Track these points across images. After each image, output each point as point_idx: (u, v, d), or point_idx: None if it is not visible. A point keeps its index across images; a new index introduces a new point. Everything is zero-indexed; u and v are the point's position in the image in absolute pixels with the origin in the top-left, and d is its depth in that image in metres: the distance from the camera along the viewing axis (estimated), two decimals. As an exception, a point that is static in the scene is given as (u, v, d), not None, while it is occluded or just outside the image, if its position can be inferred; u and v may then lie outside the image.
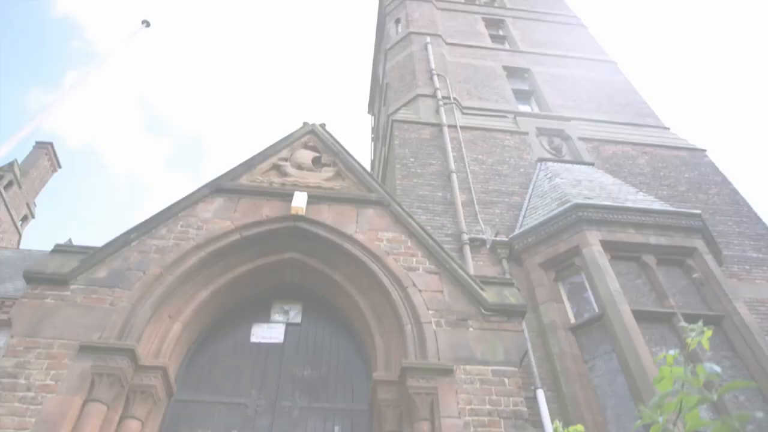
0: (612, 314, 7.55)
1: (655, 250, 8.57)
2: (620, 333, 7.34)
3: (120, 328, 5.02)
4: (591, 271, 8.16)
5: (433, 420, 4.70)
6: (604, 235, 8.58)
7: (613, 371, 7.41)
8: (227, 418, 5.28)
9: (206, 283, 5.75)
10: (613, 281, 7.91)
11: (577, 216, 8.67)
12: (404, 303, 5.46)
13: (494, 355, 5.19)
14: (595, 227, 8.65)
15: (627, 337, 7.24)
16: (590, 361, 7.71)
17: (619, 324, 7.41)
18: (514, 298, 5.69)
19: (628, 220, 8.79)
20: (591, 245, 8.42)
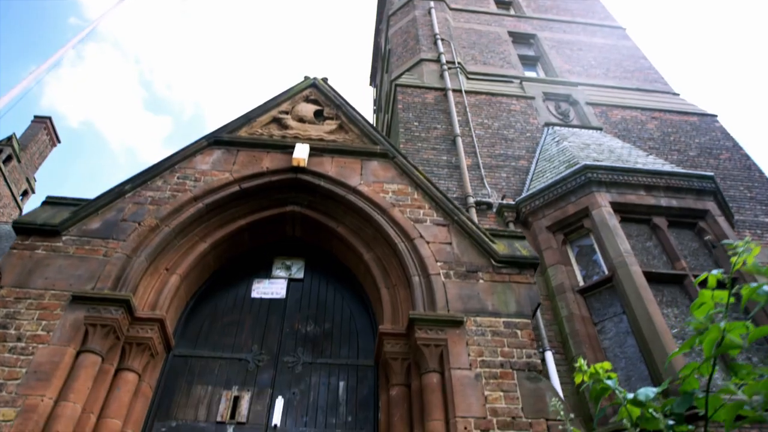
0: (622, 275, 7.34)
1: (667, 212, 8.33)
2: (631, 294, 7.13)
3: (114, 279, 4.78)
4: (601, 232, 7.92)
5: (443, 372, 4.48)
6: (614, 197, 8.33)
7: (623, 333, 7.21)
8: (228, 373, 5.07)
9: (204, 236, 5.50)
10: (623, 242, 7.68)
11: (586, 177, 8.41)
12: (411, 255, 5.21)
13: (506, 306, 4.96)
14: (605, 189, 8.40)
15: (638, 298, 7.03)
16: (600, 324, 7.51)
17: (629, 285, 7.19)
18: (526, 251, 5.44)
19: (638, 182, 8.53)
20: (601, 207, 8.17)
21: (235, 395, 4.89)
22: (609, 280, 7.57)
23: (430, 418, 4.20)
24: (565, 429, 4.26)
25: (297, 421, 4.80)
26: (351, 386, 5.07)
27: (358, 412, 4.91)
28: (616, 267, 7.46)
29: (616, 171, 8.54)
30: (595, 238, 8.13)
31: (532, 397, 4.39)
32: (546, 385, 4.52)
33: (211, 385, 4.97)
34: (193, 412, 4.78)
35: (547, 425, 4.23)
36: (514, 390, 4.40)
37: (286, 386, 5.01)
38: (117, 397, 4.37)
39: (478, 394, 4.32)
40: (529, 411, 4.29)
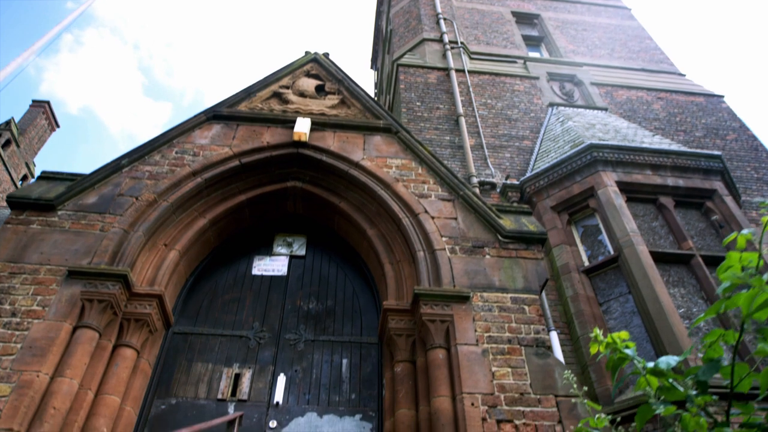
0: (629, 255, 7.22)
1: (673, 191, 8.19)
2: (637, 273, 7.01)
3: (111, 254, 4.64)
4: (606, 211, 7.79)
5: (449, 348, 4.36)
6: (619, 176, 8.19)
7: (628, 313, 7.10)
8: (228, 350, 4.95)
9: (204, 212, 5.36)
10: (629, 221, 7.56)
11: (592, 157, 8.26)
12: (416, 230, 5.07)
13: (513, 282, 4.83)
14: (611, 168, 8.26)
15: (644, 278, 6.91)
16: (605, 304, 7.40)
17: (636, 264, 7.08)
18: (533, 226, 5.30)
19: (645, 161, 8.38)
20: (606, 186, 8.03)
21: (236, 373, 4.78)
22: (615, 260, 7.45)
23: (436, 394, 4.08)
24: (575, 405, 4.14)
25: (299, 399, 4.69)
26: (354, 364, 4.96)
27: (361, 389, 4.80)
28: (622, 247, 7.34)
29: (622, 150, 8.39)
30: (600, 217, 8.01)
31: (541, 373, 4.27)
32: (555, 361, 4.40)
33: (211, 362, 4.86)
34: (193, 390, 4.67)
35: (556, 401, 4.12)
36: (522, 366, 4.28)
37: (288, 364, 4.90)
38: (115, 374, 4.25)
39: (485, 370, 4.20)
40: (537, 387, 4.18)
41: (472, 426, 3.87)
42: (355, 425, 4.57)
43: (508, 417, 3.98)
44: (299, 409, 4.61)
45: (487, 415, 3.96)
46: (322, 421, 4.56)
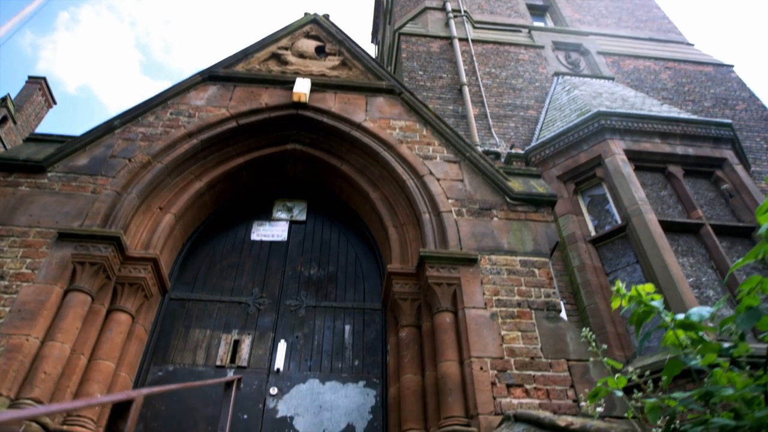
0: (637, 223, 7.03)
1: (682, 160, 7.97)
2: (646, 242, 6.82)
3: (104, 217, 4.43)
4: (614, 180, 7.57)
5: (456, 311, 4.17)
6: (628, 145, 7.97)
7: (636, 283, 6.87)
8: (227, 316, 4.77)
9: (200, 175, 5.13)
10: (638, 190, 7.35)
11: (599, 124, 8.02)
12: (420, 192, 4.85)
13: (522, 245, 4.62)
14: (619, 136, 8.02)
15: (653, 247, 6.72)
16: (612, 274, 7.22)
17: (644, 233, 6.88)
18: (542, 188, 5.08)
19: (653, 129, 8.13)
20: (614, 154, 7.80)
21: (235, 339, 4.60)
22: (622, 229, 7.26)
23: (443, 358, 3.91)
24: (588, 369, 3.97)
25: (301, 366, 4.52)
26: (357, 330, 4.78)
27: (365, 356, 4.63)
28: (630, 215, 7.15)
29: (631, 118, 8.15)
30: (607, 186, 7.80)
31: (552, 337, 4.09)
32: (566, 325, 4.22)
33: (209, 328, 4.68)
34: (191, 356, 4.50)
35: (568, 365, 3.94)
36: (532, 330, 4.10)
37: (289, 330, 4.72)
38: (109, 339, 4.07)
39: (494, 334, 4.01)
40: (548, 351, 4.00)
41: (481, 390, 3.70)
42: (358, 392, 4.40)
43: (519, 381, 3.80)
44: (301, 375, 4.45)
45: (496, 379, 3.79)
46: (324, 387, 4.39)
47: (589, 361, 3.99)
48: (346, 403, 4.32)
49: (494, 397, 3.70)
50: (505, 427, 3.05)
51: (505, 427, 3.05)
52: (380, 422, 4.25)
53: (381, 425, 4.23)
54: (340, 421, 4.23)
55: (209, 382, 3.87)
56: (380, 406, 4.33)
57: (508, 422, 3.11)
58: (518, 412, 3.00)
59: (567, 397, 3.78)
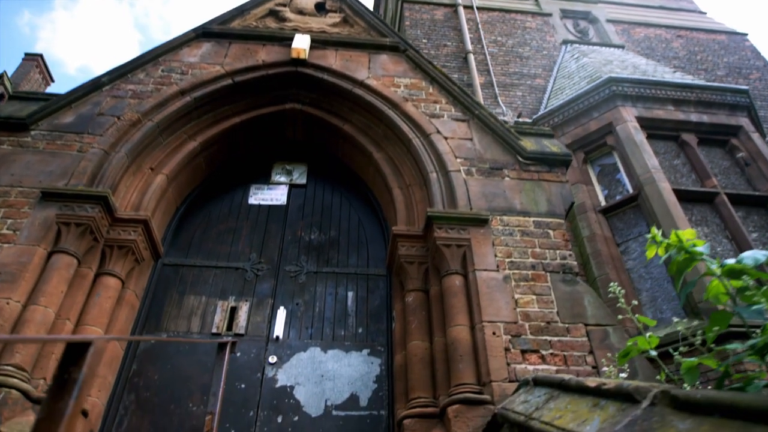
0: (650, 192, 6.74)
1: (696, 128, 7.65)
2: (659, 211, 6.53)
3: (90, 176, 4.13)
4: (626, 148, 7.26)
5: (467, 274, 3.88)
6: (640, 112, 7.64)
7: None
8: (224, 282, 4.49)
9: (194, 135, 4.82)
10: (651, 158, 7.04)
11: (610, 91, 7.68)
12: (427, 150, 4.54)
13: (536, 205, 4.32)
14: (631, 103, 7.69)
15: (667, 215, 6.43)
16: (623, 244, 6.94)
17: (658, 202, 6.59)
18: (556, 147, 4.77)
19: (666, 96, 7.79)
20: (626, 121, 7.48)
21: (231, 306, 4.33)
22: (634, 198, 6.97)
23: (452, 323, 3.63)
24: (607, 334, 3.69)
25: (301, 333, 4.25)
26: (361, 296, 4.50)
27: (369, 323, 4.35)
28: (642, 184, 6.85)
29: (643, 84, 7.80)
30: (618, 155, 7.49)
31: (569, 300, 3.81)
32: (584, 288, 3.93)
33: (205, 295, 4.40)
34: (185, 323, 4.23)
35: (586, 330, 3.67)
36: (547, 293, 3.81)
37: (289, 297, 4.45)
38: (97, 304, 3.79)
39: (507, 298, 3.73)
40: (565, 315, 3.72)
41: (494, 356, 3.42)
42: (362, 360, 4.14)
43: (534, 347, 3.53)
44: (301, 344, 4.18)
45: (510, 344, 3.51)
46: (326, 356, 4.13)
47: (609, 326, 3.72)
48: (350, 372, 4.06)
49: (508, 363, 3.43)
50: (523, 392, 2.77)
51: (523, 392, 2.77)
52: (385, 391, 4.00)
53: (386, 394, 3.98)
54: (343, 390, 3.97)
55: (200, 341, 3.61)
56: (385, 375, 4.07)
57: (526, 387, 2.84)
58: (538, 376, 2.72)
59: (586, 364, 3.51)
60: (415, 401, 3.52)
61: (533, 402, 2.55)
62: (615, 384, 2.01)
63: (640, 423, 1.56)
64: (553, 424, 2.08)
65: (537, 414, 2.36)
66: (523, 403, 2.63)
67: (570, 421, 2.00)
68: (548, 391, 2.56)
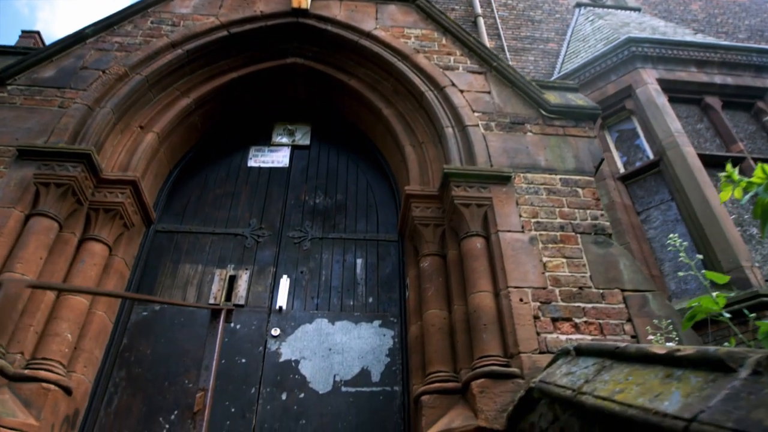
0: (673, 157, 6.29)
1: (721, 90, 7.19)
2: (683, 177, 6.10)
3: (72, 133, 3.70)
4: (647, 112, 6.80)
5: (488, 236, 3.46)
6: (661, 74, 7.16)
7: (671, 221, 6.23)
8: (222, 250, 4.08)
9: (188, 91, 4.37)
10: (673, 121, 6.59)
11: (630, 52, 7.19)
12: (442, 104, 4.09)
13: (562, 162, 3.88)
14: (651, 65, 7.20)
15: (692, 181, 6.00)
16: (644, 212, 6.53)
17: (681, 167, 6.15)
18: (582, 101, 4.31)
19: (689, 57, 7.29)
20: (647, 84, 6.99)
21: (230, 275, 3.92)
22: (655, 164, 6.54)
23: (474, 289, 3.22)
24: (647, 300, 3.27)
25: (306, 304, 3.85)
26: (371, 263, 4.09)
27: (380, 292, 3.95)
28: (665, 149, 6.40)
29: (665, 44, 7.29)
30: (638, 120, 7.03)
31: (602, 264, 3.39)
32: (618, 250, 3.51)
33: (201, 263, 4.00)
34: (180, 294, 3.83)
35: (623, 296, 3.25)
36: (579, 256, 3.39)
37: (292, 264, 4.03)
38: (81, 271, 3.39)
39: (534, 261, 3.31)
40: (599, 280, 3.30)
41: (522, 325, 3.02)
42: (373, 332, 3.74)
43: (566, 315, 3.12)
44: (306, 315, 3.78)
45: (539, 312, 3.10)
46: (333, 328, 3.73)
47: (648, 292, 3.30)
48: (360, 345, 3.67)
49: (538, 332, 3.02)
50: (564, 364, 2.36)
51: (564, 364, 2.36)
52: (399, 365, 3.60)
53: (400, 369, 3.58)
54: (352, 365, 3.58)
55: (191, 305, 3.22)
56: (399, 348, 3.68)
57: (566, 358, 2.42)
58: (581, 344, 2.31)
59: (624, 332, 3.11)
60: (433, 375, 3.12)
61: (580, 374, 2.13)
62: (695, 350, 1.57)
63: (745, 397, 1.13)
64: (614, 400, 1.65)
65: (588, 387, 1.94)
66: (566, 376, 2.21)
67: (638, 396, 1.56)
68: (597, 361, 2.13)
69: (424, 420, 2.93)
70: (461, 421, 2.77)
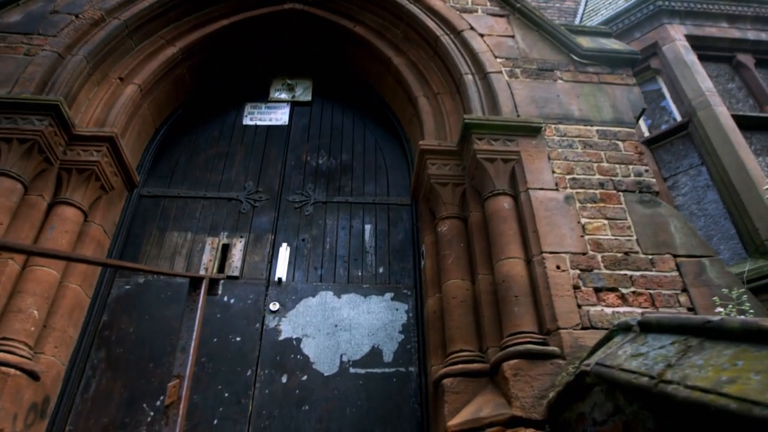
0: (704, 118, 5.71)
1: (754, 47, 6.57)
2: (716, 139, 5.53)
3: (39, 82, 3.18)
4: (674, 70, 6.18)
5: (517, 195, 2.94)
6: (689, 30, 6.52)
7: (701, 187, 5.68)
8: (214, 216, 3.58)
9: (173, 39, 3.81)
10: (704, 80, 5.98)
11: (655, 6, 6.54)
12: (459, 49, 3.53)
13: (598, 112, 3.34)
14: (679, 20, 6.56)
15: (726, 143, 5.43)
16: (671, 179, 5.96)
17: (714, 128, 5.58)
18: (617, 45, 3.74)
19: (720, 11, 6.64)
20: (674, 40, 6.36)
21: (223, 243, 3.43)
22: (684, 126, 5.96)
23: (502, 255, 2.71)
24: (704, 267, 2.75)
25: (309, 275, 3.35)
26: (380, 230, 3.58)
27: (391, 261, 3.44)
28: (695, 109, 5.82)
29: (693, -3, 6.63)
30: (664, 79, 6.42)
31: (650, 225, 2.87)
32: (668, 210, 2.98)
33: (191, 231, 3.50)
34: (167, 265, 3.35)
35: (675, 263, 2.73)
36: (622, 217, 2.87)
37: (293, 231, 3.53)
38: (51, 239, 2.90)
39: (571, 223, 2.79)
40: (647, 244, 2.79)
41: (560, 296, 2.52)
42: (384, 306, 3.25)
43: (611, 284, 2.61)
44: (309, 287, 3.29)
45: (579, 281, 2.60)
46: (340, 302, 3.24)
47: (705, 258, 2.78)
48: (369, 321, 3.18)
49: (579, 305, 2.52)
50: (626, 342, 1.85)
51: (626, 342, 1.85)
52: (414, 344, 3.12)
53: (416, 347, 3.10)
54: (361, 343, 3.10)
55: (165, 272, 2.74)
56: (414, 324, 3.19)
57: (626, 335, 1.92)
58: (649, 318, 1.79)
59: (678, 304, 2.60)
60: (455, 356, 2.64)
61: (656, 356, 1.60)
62: None
63: None
64: (724, 393, 1.13)
65: (675, 375, 1.40)
66: (635, 358, 1.70)
67: (765, 389, 1.05)
68: (678, 339, 1.61)
69: (447, 407, 2.45)
70: (491, 409, 2.29)
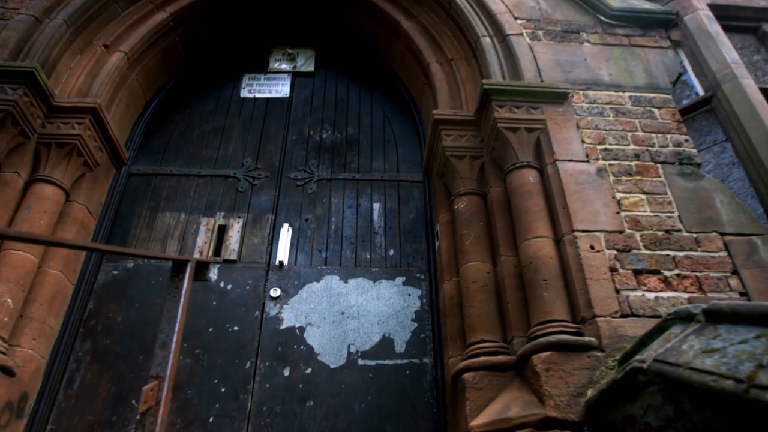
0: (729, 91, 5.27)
1: (780, 17, 6.06)
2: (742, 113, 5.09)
3: (14, 48, 2.86)
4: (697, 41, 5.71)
5: (543, 167, 2.61)
6: (712, -1, 6.05)
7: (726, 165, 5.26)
8: (209, 195, 3.26)
9: (163, 4, 3.47)
10: (729, 51, 5.53)
11: (675, -26, 6.05)
12: (476, 11, 3.18)
13: (630, 77, 2.99)
14: (700, -12, 6.08)
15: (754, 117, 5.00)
16: (693, 156, 5.55)
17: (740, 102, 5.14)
18: (648, 4, 3.38)
19: (743, -22, 6.15)
20: (697, 10, 5.89)
21: (219, 224, 3.12)
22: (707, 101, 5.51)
23: (528, 235, 2.39)
24: (756, 246, 2.42)
25: (313, 258, 3.04)
26: (390, 208, 3.26)
27: (403, 243, 3.13)
28: (720, 82, 5.37)
29: (715, -35, 6.18)
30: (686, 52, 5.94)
31: (693, 200, 2.53)
32: (712, 184, 2.65)
33: (185, 211, 3.19)
34: (159, 248, 3.04)
35: (723, 242, 2.41)
36: (662, 191, 2.54)
37: (295, 211, 3.21)
38: (27, 220, 2.59)
39: (605, 198, 2.46)
40: (691, 222, 2.46)
41: (595, 280, 2.19)
42: (395, 292, 2.94)
43: (652, 266, 2.29)
44: (313, 271, 2.98)
45: (617, 263, 2.27)
46: (347, 287, 2.93)
47: (757, 236, 2.45)
48: (379, 308, 2.87)
49: (617, 289, 2.20)
50: (690, 335, 1.53)
51: (690, 335, 1.53)
52: (429, 333, 2.81)
53: (430, 336, 2.79)
54: (371, 332, 2.80)
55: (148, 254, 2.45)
56: (428, 311, 2.88)
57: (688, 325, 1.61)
58: (720, 306, 1.47)
59: (729, 288, 2.27)
60: (476, 347, 2.33)
61: (737, 353, 1.28)
62: None
63: None
64: None
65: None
66: (707, 355, 1.37)
67: None
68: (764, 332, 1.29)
69: (469, 405, 2.14)
70: (520, 408, 1.98)
